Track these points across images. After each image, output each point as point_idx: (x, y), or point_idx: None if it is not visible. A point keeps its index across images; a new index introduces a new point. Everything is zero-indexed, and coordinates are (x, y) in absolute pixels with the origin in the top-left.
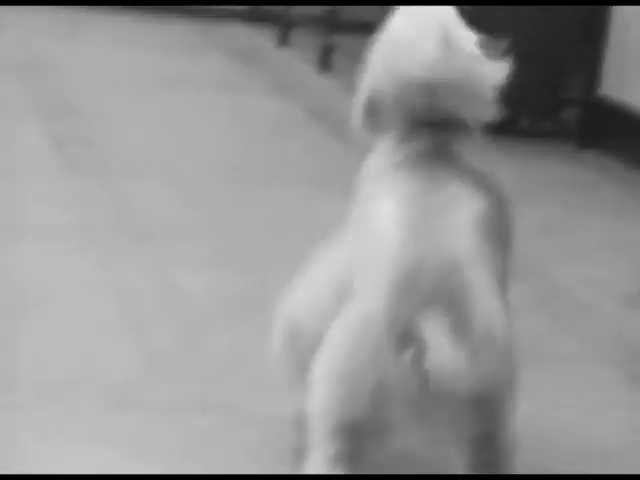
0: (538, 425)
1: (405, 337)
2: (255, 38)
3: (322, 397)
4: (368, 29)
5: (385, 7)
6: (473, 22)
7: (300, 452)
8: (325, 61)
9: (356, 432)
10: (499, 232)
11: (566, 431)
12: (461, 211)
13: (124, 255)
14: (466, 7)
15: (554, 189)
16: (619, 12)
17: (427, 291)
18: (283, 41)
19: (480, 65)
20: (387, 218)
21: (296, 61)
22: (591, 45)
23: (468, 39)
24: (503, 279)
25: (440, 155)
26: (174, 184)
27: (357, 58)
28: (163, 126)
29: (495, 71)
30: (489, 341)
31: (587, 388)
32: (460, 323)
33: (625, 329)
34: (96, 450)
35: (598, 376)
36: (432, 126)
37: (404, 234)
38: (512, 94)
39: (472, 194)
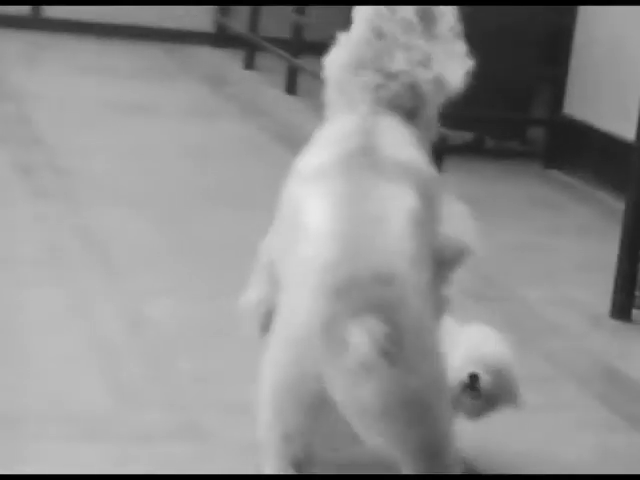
0: (508, 446)
1: (339, 346)
2: (222, 61)
3: (266, 411)
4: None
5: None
6: None
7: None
8: (291, 83)
9: (301, 442)
10: (429, 227)
11: (535, 452)
12: (394, 214)
13: (92, 283)
14: None
15: (521, 209)
16: (582, 32)
17: (361, 300)
18: (249, 64)
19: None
20: (320, 225)
21: (263, 84)
22: (555, 65)
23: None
24: (435, 275)
25: (371, 151)
26: (142, 210)
27: (322, 79)
28: (130, 152)
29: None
30: (419, 353)
31: (556, 409)
32: (393, 333)
33: (594, 349)
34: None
35: (567, 397)
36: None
37: (337, 243)
38: (478, 114)
39: (404, 193)
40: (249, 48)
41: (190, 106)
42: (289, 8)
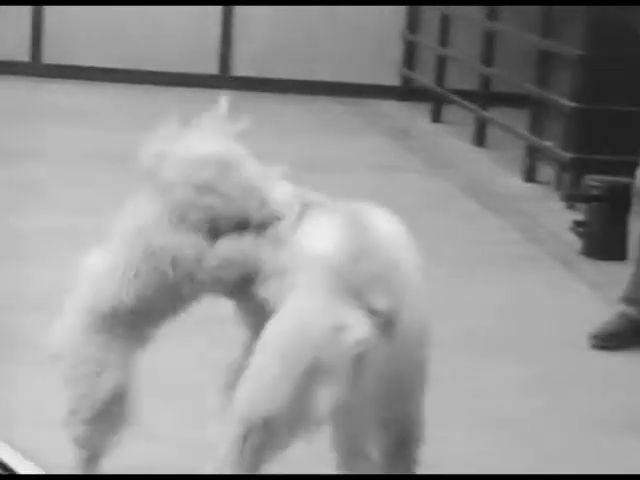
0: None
1: (339, 328)
2: (407, 115)
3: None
4: (521, 102)
5: (541, 80)
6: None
7: None
8: (479, 135)
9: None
10: None
11: None
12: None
13: None
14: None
15: None
16: None
17: (360, 287)
18: (436, 117)
19: None
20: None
21: (450, 137)
22: None
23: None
24: None
25: None
26: None
27: (511, 131)
28: None
29: None
30: (412, 330)
31: None
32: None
33: None
34: None
35: None
36: None
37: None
38: None
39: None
40: (435, 101)
41: (377, 160)
42: (476, 60)
